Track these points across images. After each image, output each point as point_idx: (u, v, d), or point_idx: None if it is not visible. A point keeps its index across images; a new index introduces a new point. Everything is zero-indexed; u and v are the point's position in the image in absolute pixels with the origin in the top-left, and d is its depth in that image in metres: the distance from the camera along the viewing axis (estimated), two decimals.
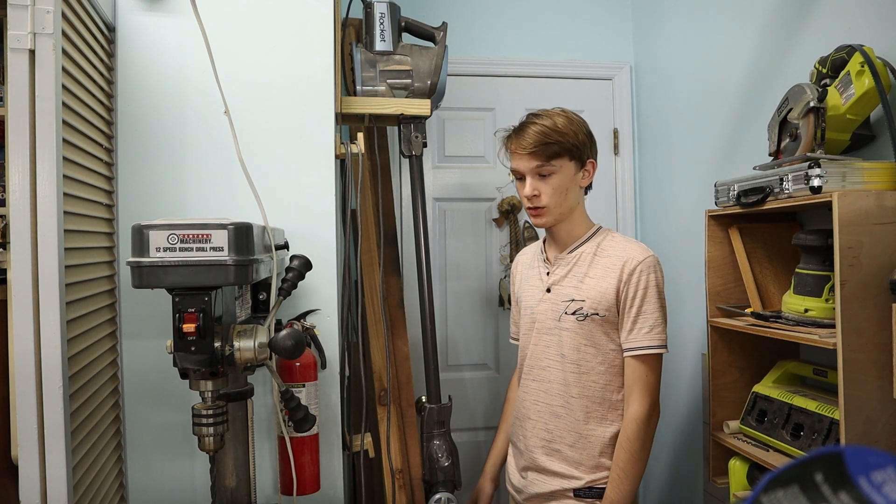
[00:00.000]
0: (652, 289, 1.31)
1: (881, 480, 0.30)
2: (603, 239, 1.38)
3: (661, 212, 2.22)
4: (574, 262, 1.37)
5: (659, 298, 1.32)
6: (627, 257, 1.32)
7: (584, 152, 1.36)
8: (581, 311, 1.33)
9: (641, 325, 1.31)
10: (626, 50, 2.39)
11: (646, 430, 1.32)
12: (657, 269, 1.33)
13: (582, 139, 1.35)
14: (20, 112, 0.98)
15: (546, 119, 1.35)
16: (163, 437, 1.36)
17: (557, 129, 1.32)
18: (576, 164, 1.35)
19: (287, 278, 1.15)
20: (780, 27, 1.56)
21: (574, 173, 1.35)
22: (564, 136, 1.32)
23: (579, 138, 1.34)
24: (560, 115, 1.36)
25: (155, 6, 1.37)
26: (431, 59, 1.67)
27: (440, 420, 1.38)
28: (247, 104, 1.38)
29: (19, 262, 0.98)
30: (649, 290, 1.31)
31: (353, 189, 1.55)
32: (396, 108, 1.63)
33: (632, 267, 1.31)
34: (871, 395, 1.08)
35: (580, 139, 1.34)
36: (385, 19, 1.67)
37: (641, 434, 1.31)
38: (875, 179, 1.16)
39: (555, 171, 1.33)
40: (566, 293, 1.36)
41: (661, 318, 1.32)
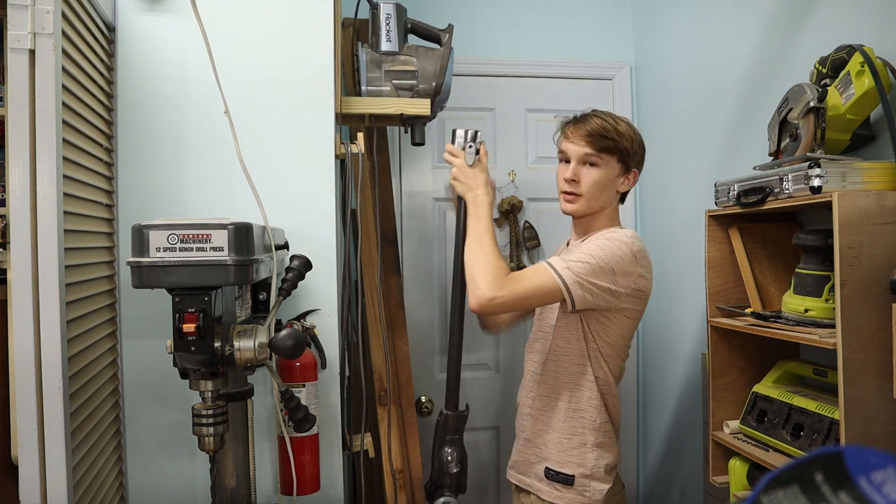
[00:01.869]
0: (591, 245, 1.29)
1: (881, 480, 0.30)
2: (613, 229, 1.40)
3: (661, 212, 2.21)
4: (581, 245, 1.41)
5: (590, 254, 1.26)
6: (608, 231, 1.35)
7: (632, 159, 1.39)
8: None
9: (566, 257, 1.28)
10: (626, 50, 2.39)
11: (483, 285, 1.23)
12: (616, 242, 1.29)
13: (635, 148, 1.39)
14: (20, 112, 0.98)
15: (611, 119, 1.38)
16: (163, 437, 1.36)
17: (618, 129, 1.36)
18: (621, 167, 1.38)
19: (287, 278, 1.15)
20: (780, 27, 1.56)
21: (616, 175, 1.38)
22: (622, 137, 1.36)
23: (633, 146, 1.38)
24: (624, 121, 1.40)
25: (155, 6, 1.37)
26: (437, 61, 1.67)
27: (455, 427, 1.39)
28: (247, 104, 1.38)
29: (19, 262, 0.98)
30: (589, 245, 1.30)
31: (353, 189, 1.55)
32: (397, 108, 1.63)
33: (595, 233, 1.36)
34: (871, 395, 1.08)
35: (633, 147, 1.38)
36: (391, 20, 1.67)
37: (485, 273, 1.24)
38: (875, 179, 1.16)
39: (600, 164, 1.36)
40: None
41: (579, 259, 1.25)
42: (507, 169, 2.33)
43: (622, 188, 1.40)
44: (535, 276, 1.25)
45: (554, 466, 1.37)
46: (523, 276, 1.25)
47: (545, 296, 1.26)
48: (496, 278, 1.23)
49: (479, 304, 1.23)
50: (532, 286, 1.24)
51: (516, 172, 2.33)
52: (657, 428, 2.22)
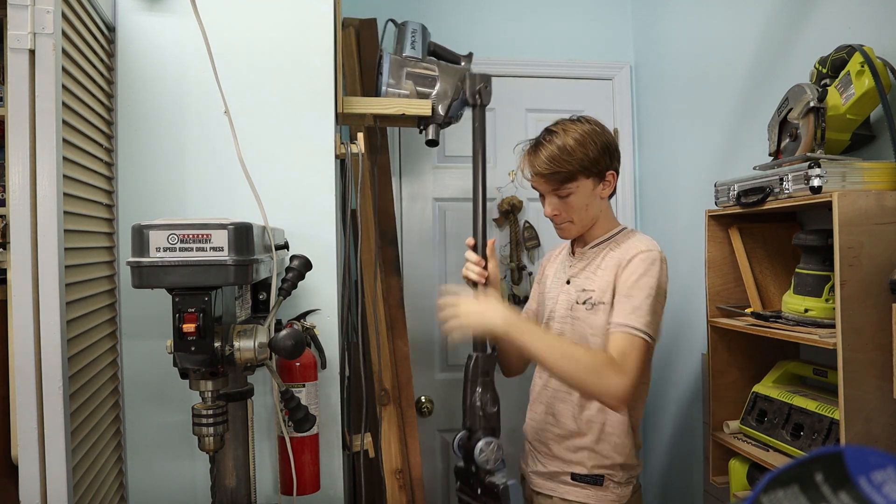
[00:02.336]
0: (646, 278, 1.27)
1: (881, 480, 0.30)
2: (623, 237, 1.39)
3: (661, 212, 2.21)
4: (592, 257, 1.39)
5: (650, 288, 1.27)
6: (632, 247, 1.32)
7: (601, 166, 1.34)
8: (590, 300, 1.35)
9: (626, 304, 1.27)
10: (626, 50, 2.39)
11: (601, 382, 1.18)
12: (657, 264, 1.29)
13: (595, 155, 1.32)
14: (20, 112, 0.98)
15: (558, 139, 1.33)
16: (163, 437, 1.36)
17: (567, 150, 1.31)
18: (594, 180, 1.35)
19: (287, 278, 1.15)
20: (780, 27, 1.56)
21: (592, 188, 1.36)
22: (574, 158, 1.31)
23: (592, 156, 1.32)
24: (574, 131, 1.33)
25: (155, 6, 1.37)
26: (455, 76, 1.68)
27: (486, 370, 1.35)
28: (247, 104, 1.38)
29: (19, 262, 0.98)
30: (642, 278, 1.27)
31: (353, 189, 1.55)
32: (397, 108, 1.63)
33: (631, 255, 1.30)
34: (871, 395, 1.08)
35: (595, 155, 1.32)
36: (417, 35, 1.74)
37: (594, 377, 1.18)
38: (875, 179, 1.16)
39: (571, 191, 1.34)
40: (580, 284, 1.38)
41: (646, 306, 1.25)
42: (507, 169, 2.33)
43: (605, 194, 1.38)
44: (634, 348, 1.23)
45: (582, 471, 1.36)
46: (626, 355, 1.22)
47: (647, 358, 1.28)
48: (609, 369, 1.20)
49: (620, 399, 1.20)
50: (639, 359, 1.22)
51: (516, 172, 2.32)
52: (657, 428, 2.22)
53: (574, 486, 1.36)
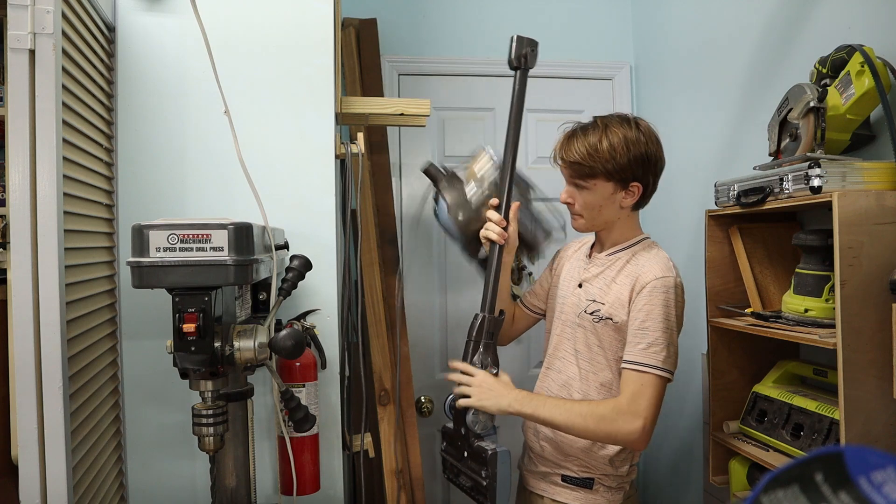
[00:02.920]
0: (658, 308, 1.24)
1: (881, 480, 0.30)
2: (641, 249, 1.35)
3: (661, 212, 2.21)
4: (608, 265, 1.36)
5: (665, 320, 1.24)
6: (646, 271, 1.28)
7: (626, 175, 1.30)
8: (598, 312, 1.32)
9: (640, 340, 1.25)
10: (626, 50, 2.39)
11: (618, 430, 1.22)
12: (672, 292, 1.26)
13: (626, 163, 1.28)
14: (20, 112, 0.98)
15: (594, 136, 1.30)
16: (163, 437, 1.36)
17: (600, 151, 1.28)
18: (615, 185, 1.31)
19: (287, 278, 1.15)
20: (780, 27, 1.56)
21: (611, 193, 1.32)
22: (604, 160, 1.28)
23: (621, 162, 1.28)
24: (614, 134, 1.29)
25: (155, 6, 1.37)
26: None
27: (490, 332, 1.34)
28: (247, 104, 1.38)
29: (19, 262, 0.98)
30: (655, 309, 1.24)
31: (353, 189, 1.55)
32: (396, 108, 1.63)
33: (645, 281, 1.26)
34: (871, 395, 1.08)
35: (623, 163, 1.28)
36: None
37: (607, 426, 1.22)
38: (875, 179, 1.16)
39: (588, 187, 1.32)
40: (592, 292, 1.35)
41: (663, 340, 1.24)
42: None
43: (625, 203, 1.33)
44: (647, 387, 1.23)
45: (571, 474, 1.36)
46: (637, 395, 1.23)
47: (663, 393, 1.26)
48: (620, 415, 1.22)
49: (638, 441, 1.23)
50: (653, 397, 1.23)
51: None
52: (657, 428, 2.21)
53: (564, 488, 1.36)
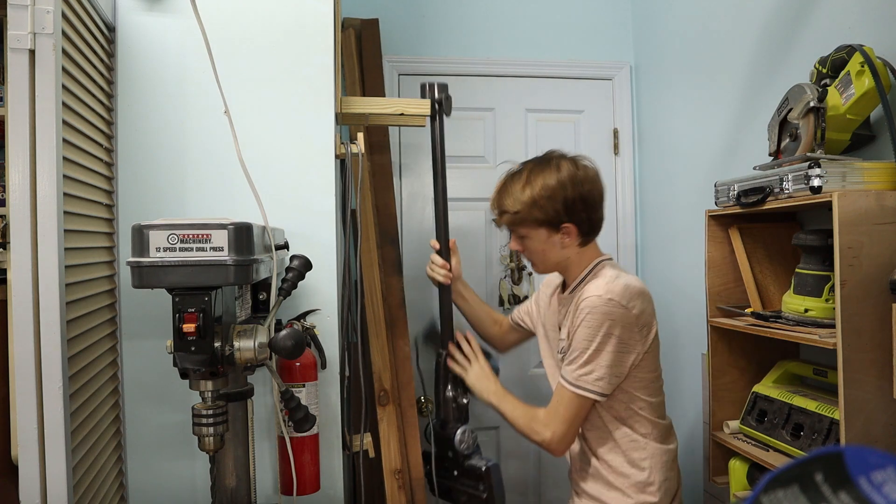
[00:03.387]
0: (585, 329, 1.25)
1: (881, 480, 0.30)
2: (592, 277, 1.35)
3: (661, 212, 2.21)
4: (570, 302, 1.37)
5: (589, 341, 1.24)
6: (585, 295, 1.28)
7: (554, 220, 1.30)
8: (562, 349, 1.36)
9: (570, 357, 1.28)
10: (626, 50, 2.39)
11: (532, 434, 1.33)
12: (605, 312, 1.24)
13: (550, 210, 1.28)
14: (20, 112, 0.98)
15: (518, 185, 1.32)
16: (163, 437, 1.36)
17: (523, 201, 1.29)
18: (547, 230, 1.32)
19: (287, 278, 1.15)
20: (780, 27, 1.56)
21: (547, 237, 1.33)
22: (527, 210, 1.29)
23: (546, 209, 1.29)
24: (536, 183, 1.29)
25: (155, 6, 1.37)
26: None
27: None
28: (247, 104, 1.38)
29: (19, 262, 0.98)
30: (582, 330, 1.25)
31: (353, 189, 1.55)
32: (396, 108, 1.63)
33: (581, 305, 1.27)
34: (871, 395, 1.08)
35: (548, 210, 1.29)
36: None
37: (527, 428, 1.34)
38: (875, 179, 1.16)
39: (525, 235, 1.35)
40: (563, 332, 1.39)
41: (587, 360, 1.25)
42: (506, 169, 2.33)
43: (566, 243, 1.33)
44: (566, 405, 1.29)
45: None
46: (556, 410, 1.30)
47: (584, 411, 1.31)
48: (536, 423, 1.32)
49: (547, 447, 1.32)
50: (569, 415, 1.29)
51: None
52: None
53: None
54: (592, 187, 1.32)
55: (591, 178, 1.33)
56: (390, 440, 1.77)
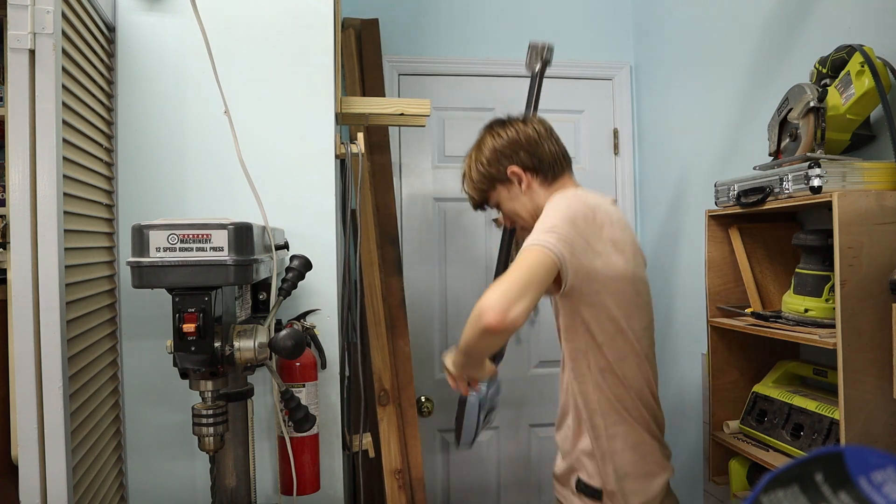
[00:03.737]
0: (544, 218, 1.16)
1: (881, 480, 0.30)
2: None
3: (661, 212, 2.21)
4: None
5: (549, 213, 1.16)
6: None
7: (497, 176, 1.33)
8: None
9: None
10: (626, 50, 2.39)
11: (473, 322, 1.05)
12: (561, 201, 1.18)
13: (484, 172, 1.34)
14: (20, 112, 0.98)
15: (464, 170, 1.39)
16: (163, 437, 1.36)
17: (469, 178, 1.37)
18: (501, 185, 1.34)
19: (287, 278, 1.15)
20: (780, 27, 1.56)
21: (508, 192, 1.34)
22: (473, 188, 1.37)
23: (482, 174, 1.34)
24: (469, 159, 1.37)
25: (155, 6, 1.37)
26: None
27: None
28: (247, 104, 1.38)
29: (19, 262, 0.98)
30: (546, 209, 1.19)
31: (353, 189, 1.55)
32: (396, 108, 1.63)
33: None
34: (871, 395, 1.08)
35: (488, 168, 1.33)
36: None
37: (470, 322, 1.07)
38: (875, 179, 1.16)
39: (496, 203, 1.37)
40: None
41: (542, 227, 1.12)
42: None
43: (526, 188, 1.32)
44: (519, 262, 1.08)
45: (584, 477, 1.25)
46: (509, 273, 1.07)
47: (540, 269, 1.07)
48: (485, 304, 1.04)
49: (497, 322, 1.02)
50: (524, 270, 1.06)
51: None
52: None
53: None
54: (518, 128, 1.34)
55: (515, 123, 1.35)
56: (390, 440, 1.77)
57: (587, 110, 2.37)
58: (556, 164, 1.33)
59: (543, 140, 1.33)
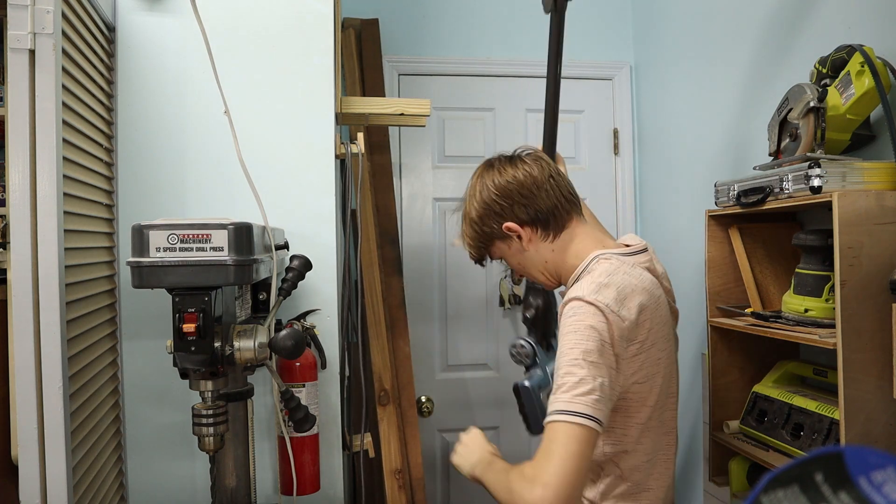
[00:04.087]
0: (567, 337, 0.99)
1: (881, 480, 0.30)
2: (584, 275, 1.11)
3: (661, 212, 2.21)
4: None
5: (573, 350, 0.96)
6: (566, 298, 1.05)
7: (493, 231, 1.16)
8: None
9: (555, 382, 0.98)
10: (626, 50, 2.39)
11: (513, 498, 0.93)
12: (583, 313, 0.99)
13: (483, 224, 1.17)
14: (20, 112, 0.98)
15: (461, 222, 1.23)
16: (163, 437, 1.36)
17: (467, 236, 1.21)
18: (500, 242, 1.19)
19: (287, 278, 1.15)
20: (780, 27, 1.56)
21: (508, 248, 1.19)
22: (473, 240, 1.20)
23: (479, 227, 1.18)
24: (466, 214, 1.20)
25: (155, 6, 1.37)
26: None
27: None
28: (247, 104, 1.38)
29: (19, 262, 0.98)
30: (563, 339, 1.00)
31: (353, 189, 1.55)
32: (396, 108, 1.63)
33: (561, 309, 1.05)
34: (871, 395, 1.08)
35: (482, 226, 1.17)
36: None
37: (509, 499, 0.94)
38: (875, 179, 1.16)
39: (499, 256, 1.22)
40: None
41: (571, 379, 0.95)
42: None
43: (527, 245, 1.16)
44: (554, 440, 0.92)
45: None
46: (543, 454, 0.92)
47: (584, 448, 0.92)
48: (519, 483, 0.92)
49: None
50: (561, 448, 0.91)
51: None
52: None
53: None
54: (510, 175, 1.16)
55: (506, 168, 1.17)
56: (390, 440, 1.77)
57: (587, 110, 2.37)
58: (557, 212, 1.15)
59: (540, 187, 1.15)
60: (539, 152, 1.23)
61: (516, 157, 1.20)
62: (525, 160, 1.18)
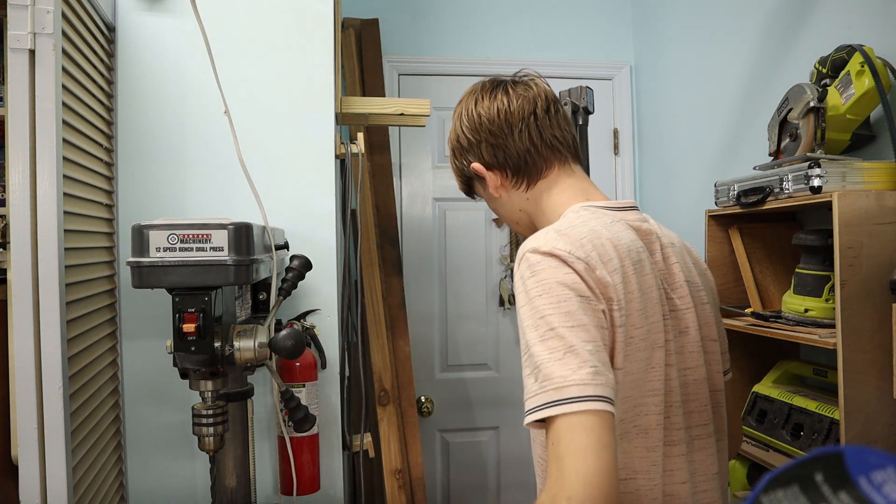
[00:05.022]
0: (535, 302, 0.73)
1: (881, 480, 0.30)
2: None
3: (661, 212, 2.21)
4: None
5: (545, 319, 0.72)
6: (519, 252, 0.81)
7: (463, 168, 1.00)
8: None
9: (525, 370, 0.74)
10: (626, 50, 2.39)
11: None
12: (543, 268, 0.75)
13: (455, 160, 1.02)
14: (20, 112, 0.98)
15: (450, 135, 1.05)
16: (163, 437, 1.36)
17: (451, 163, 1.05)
18: (475, 182, 1.01)
19: (287, 278, 1.15)
20: (780, 27, 1.56)
21: (483, 190, 1.01)
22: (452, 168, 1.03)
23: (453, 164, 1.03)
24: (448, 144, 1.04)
25: (155, 6, 1.37)
26: None
27: None
28: (247, 104, 1.38)
29: (19, 262, 0.98)
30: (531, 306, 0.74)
31: (353, 189, 1.55)
32: (396, 108, 1.63)
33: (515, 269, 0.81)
34: (871, 395, 1.08)
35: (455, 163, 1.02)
36: None
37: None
38: (875, 179, 1.16)
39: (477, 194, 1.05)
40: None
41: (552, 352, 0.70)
42: None
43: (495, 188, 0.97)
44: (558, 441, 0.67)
45: None
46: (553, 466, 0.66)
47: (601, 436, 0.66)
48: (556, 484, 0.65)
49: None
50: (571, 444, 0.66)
51: None
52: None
53: None
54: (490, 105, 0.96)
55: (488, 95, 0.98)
56: (390, 440, 1.77)
57: None
58: (531, 157, 0.94)
59: (514, 126, 0.94)
60: (539, 80, 1.00)
61: (505, 82, 0.99)
62: (512, 90, 0.96)
